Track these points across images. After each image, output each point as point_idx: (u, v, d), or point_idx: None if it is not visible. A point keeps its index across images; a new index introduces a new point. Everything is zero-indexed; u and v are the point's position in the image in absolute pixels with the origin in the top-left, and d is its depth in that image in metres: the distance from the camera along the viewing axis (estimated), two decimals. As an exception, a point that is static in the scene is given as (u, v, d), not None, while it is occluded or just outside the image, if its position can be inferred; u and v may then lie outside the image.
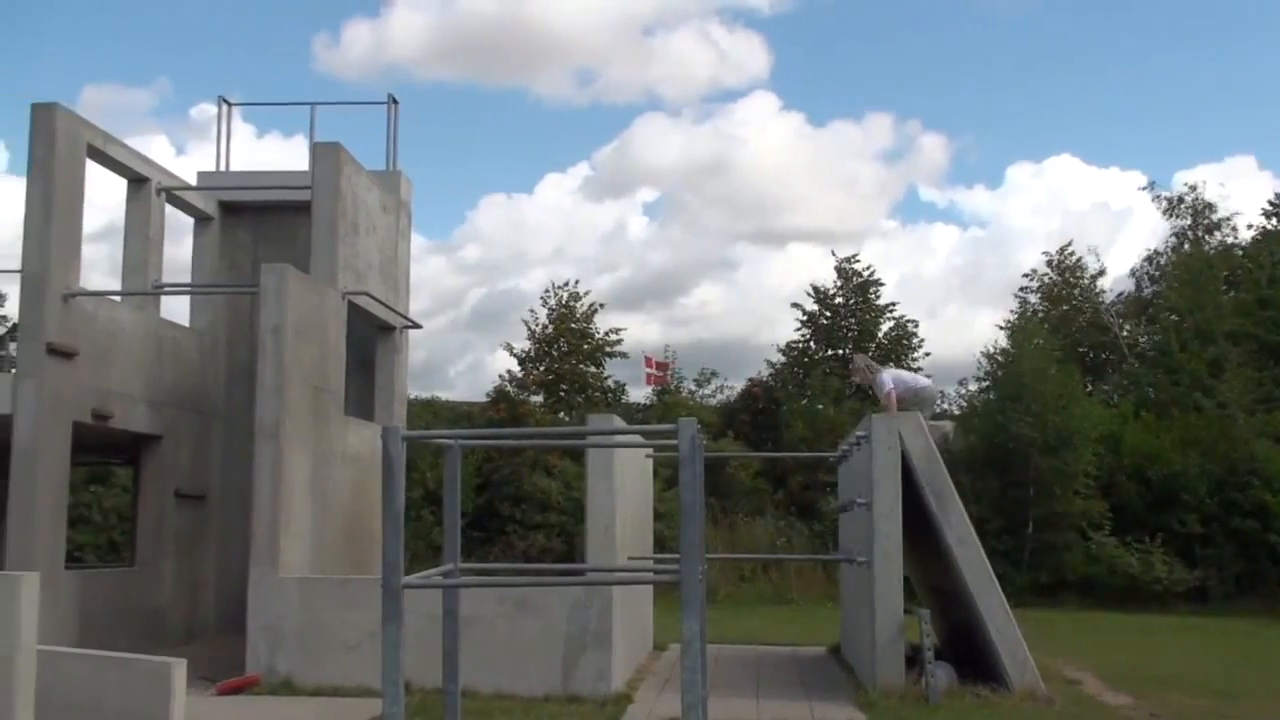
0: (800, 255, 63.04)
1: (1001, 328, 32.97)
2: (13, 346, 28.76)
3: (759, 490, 30.57)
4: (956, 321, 54.59)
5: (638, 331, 70.29)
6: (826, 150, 67.12)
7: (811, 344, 36.27)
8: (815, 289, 36.22)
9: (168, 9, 66.76)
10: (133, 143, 16.23)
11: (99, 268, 15.35)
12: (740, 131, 65.38)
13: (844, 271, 36.15)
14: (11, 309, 33.09)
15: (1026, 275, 40.05)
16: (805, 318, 36.25)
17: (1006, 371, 28.80)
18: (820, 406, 32.11)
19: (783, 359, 36.37)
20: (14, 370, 14.07)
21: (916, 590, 16.76)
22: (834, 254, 39.22)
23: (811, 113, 73.66)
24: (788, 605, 25.42)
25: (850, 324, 35.94)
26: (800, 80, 69.35)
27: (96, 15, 67.31)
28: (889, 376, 14.96)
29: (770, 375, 35.96)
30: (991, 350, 30.49)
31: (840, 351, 35.76)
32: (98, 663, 10.93)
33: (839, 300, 36.07)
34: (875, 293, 36.06)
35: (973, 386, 34.06)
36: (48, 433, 13.43)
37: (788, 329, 45.06)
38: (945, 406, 35.18)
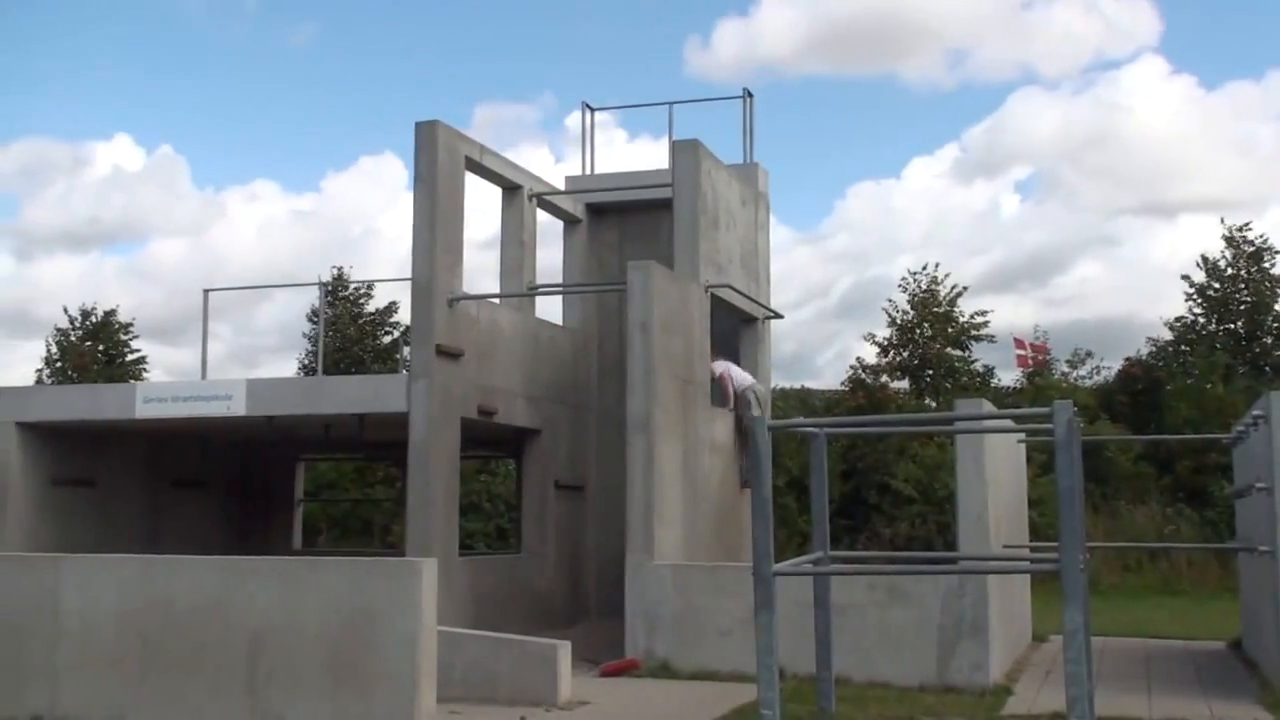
0: (1191, 226, 59.07)
1: None
2: (406, 349, 31.02)
3: (1141, 475, 28.88)
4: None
5: (1010, 314, 68.01)
6: (1221, 113, 62.47)
7: (1200, 319, 33.96)
8: (1204, 260, 33.90)
9: (549, 26, 70.50)
10: (518, 154, 17.22)
11: (490, 272, 16.52)
12: (1125, 100, 61.98)
13: (1234, 240, 33.62)
14: (404, 315, 35.62)
15: None
16: (1193, 291, 33.97)
17: None
18: (1209, 385, 30.00)
19: (1168, 335, 34.22)
20: (408, 371, 15.14)
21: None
22: (1222, 222, 36.39)
23: (1204, 75, 68.90)
24: (1178, 596, 23.89)
25: (1244, 296, 33.40)
26: (1193, 42, 65.00)
27: (486, 38, 71.96)
28: (721, 365, 16.55)
29: (1151, 354, 33.92)
30: None
31: (1232, 326, 33.28)
32: (491, 643, 11.64)
33: (1229, 272, 33.58)
34: (1272, 261, 33.34)
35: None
36: (439, 428, 14.38)
37: (1175, 305, 42.23)
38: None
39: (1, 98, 69.81)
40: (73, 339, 40.75)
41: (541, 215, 17.99)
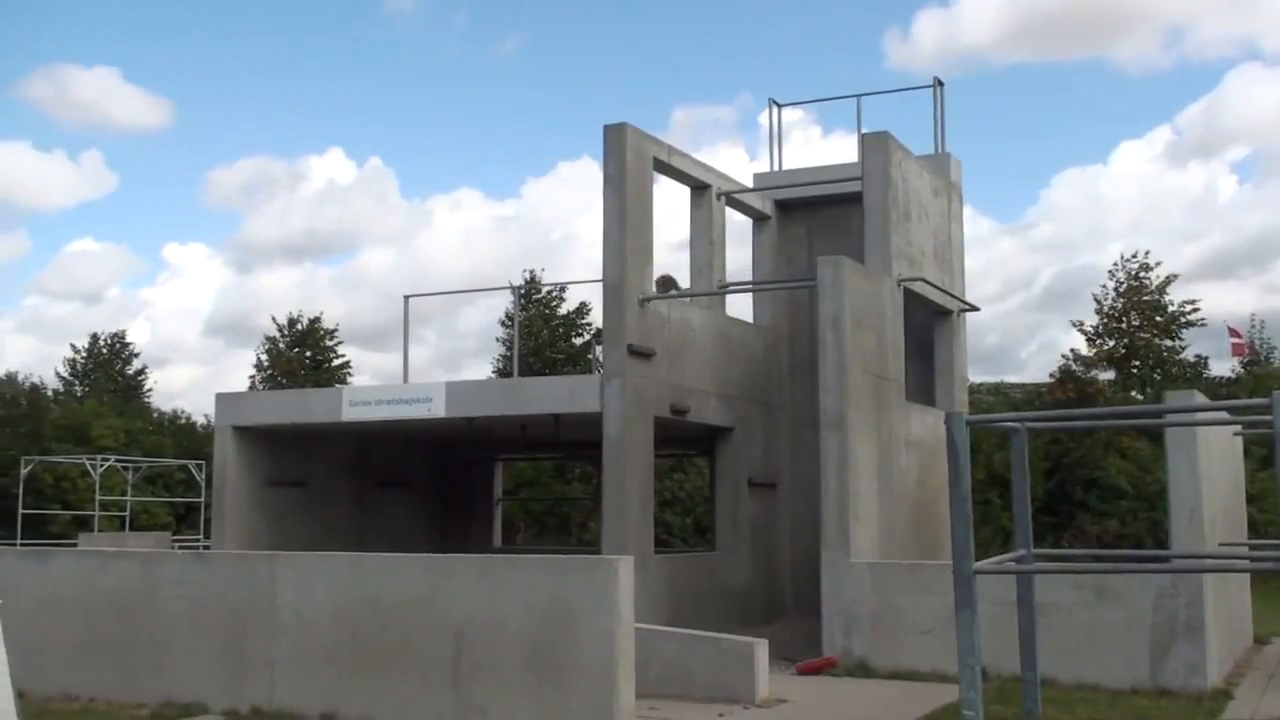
0: None
1: None
2: (599, 350, 31.43)
3: (1374, 468, 27.20)
4: None
5: (1228, 300, 65.08)
6: None
7: None
8: None
9: (746, 28, 71.00)
10: (715, 155, 17.44)
11: (682, 273, 16.63)
12: (1354, 72, 58.65)
13: None
14: (595, 316, 36.07)
15: None
16: None
17: None
18: None
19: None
20: (601, 371, 15.32)
21: None
22: None
23: None
24: None
25: None
26: None
27: (684, 41, 72.86)
28: None
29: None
30: None
31: None
32: (688, 640, 11.68)
33: None
34: None
35: None
36: (633, 427, 14.51)
37: None
38: None
39: (226, 120, 73.90)
40: (281, 346, 42.63)
41: (731, 214, 17.98)
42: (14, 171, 72.01)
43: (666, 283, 16.14)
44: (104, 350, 49.72)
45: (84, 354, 49.28)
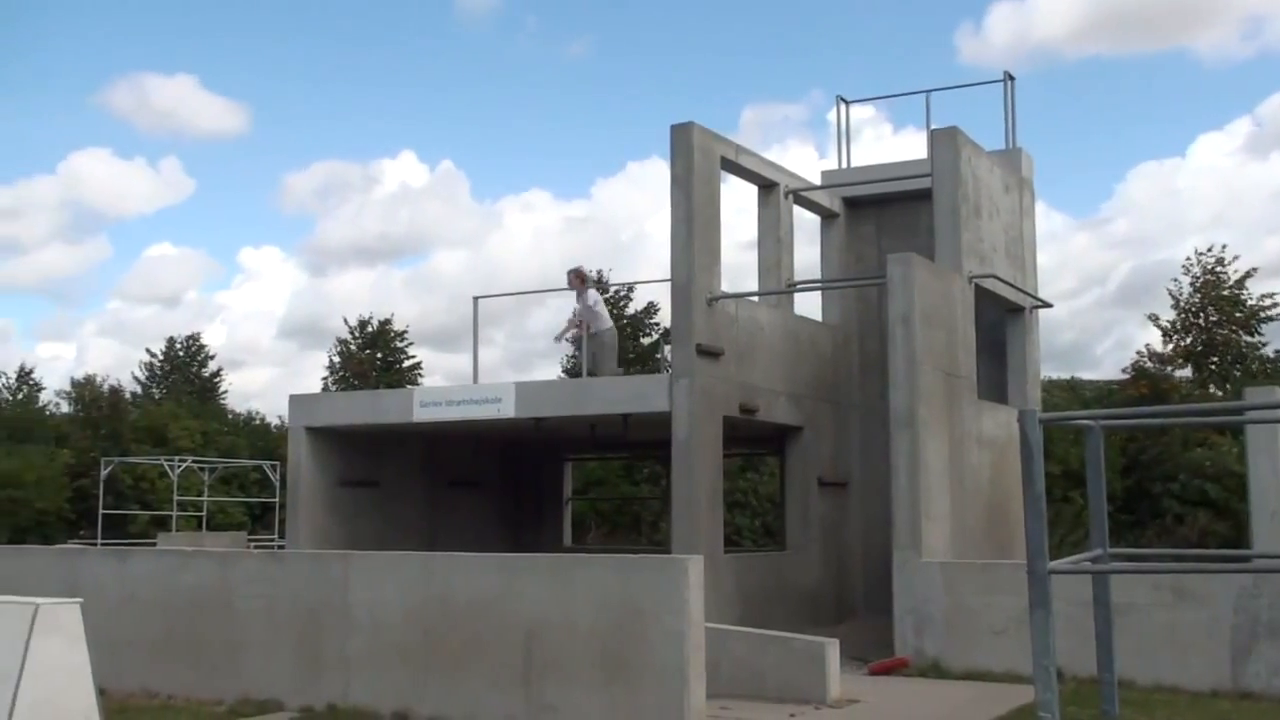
0: None
1: None
2: (667, 350, 31.42)
3: None
4: None
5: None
6: None
7: None
8: None
9: (817, 25, 70.87)
10: (785, 153, 17.41)
11: (754, 272, 16.61)
12: None
13: None
14: (664, 316, 36.09)
15: None
16: None
17: None
18: None
19: None
20: (670, 371, 15.32)
21: None
22: None
23: None
24: None
25: None
26: None
27: (754, 40, 72.84)
28: (594, 296, 17.06)
29: None
30: None
31: None
32: (758, 640, 11.65)
33: None
34: None
35: None
36: (701, 426, 14.49)
37: None
38: None
39: (300, 125, 75.02)
40: (352, 348, 43.12)
41: (800, 212, 17.90)
42: (96, 178, 73.84)
43: (581, 275, 17.34)
44: (180, 353, 50.60)
45: (161, 357, 50.20)
